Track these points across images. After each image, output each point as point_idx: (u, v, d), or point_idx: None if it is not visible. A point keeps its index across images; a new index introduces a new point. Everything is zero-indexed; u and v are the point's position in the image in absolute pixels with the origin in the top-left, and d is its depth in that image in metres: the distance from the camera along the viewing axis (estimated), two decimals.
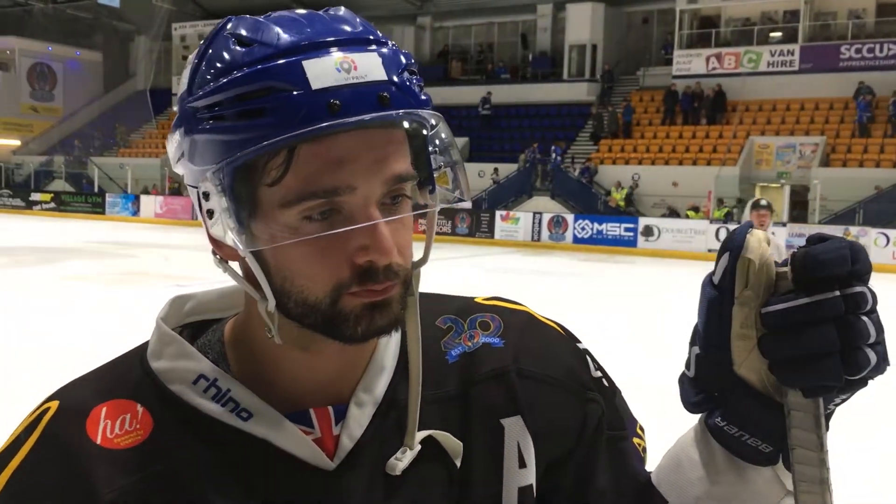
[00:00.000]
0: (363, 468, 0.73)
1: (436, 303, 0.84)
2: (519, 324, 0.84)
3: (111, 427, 0.71)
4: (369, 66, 0.65)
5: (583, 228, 20.86)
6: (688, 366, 0.73)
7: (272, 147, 0.63)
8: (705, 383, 0.72)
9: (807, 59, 24.08)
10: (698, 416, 0.75)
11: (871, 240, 16.07)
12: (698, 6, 26.09)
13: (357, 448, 0.73)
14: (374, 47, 0.67)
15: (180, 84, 0.71)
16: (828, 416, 0.67)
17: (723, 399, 0.71)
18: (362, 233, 0.66)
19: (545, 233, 21.44)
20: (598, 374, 0.85)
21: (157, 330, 0.77)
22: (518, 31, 30.53)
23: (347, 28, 0.67)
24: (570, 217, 21.18)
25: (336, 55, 0.65)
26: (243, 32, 0.67)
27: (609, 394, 0.85)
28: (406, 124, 0.68)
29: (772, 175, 22.55)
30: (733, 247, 0.67)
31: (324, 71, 0.64)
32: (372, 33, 0.68)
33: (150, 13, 34.15)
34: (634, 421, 0.88)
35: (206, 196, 0.67)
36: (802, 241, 0.67)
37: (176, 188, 28.90)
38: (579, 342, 0.87)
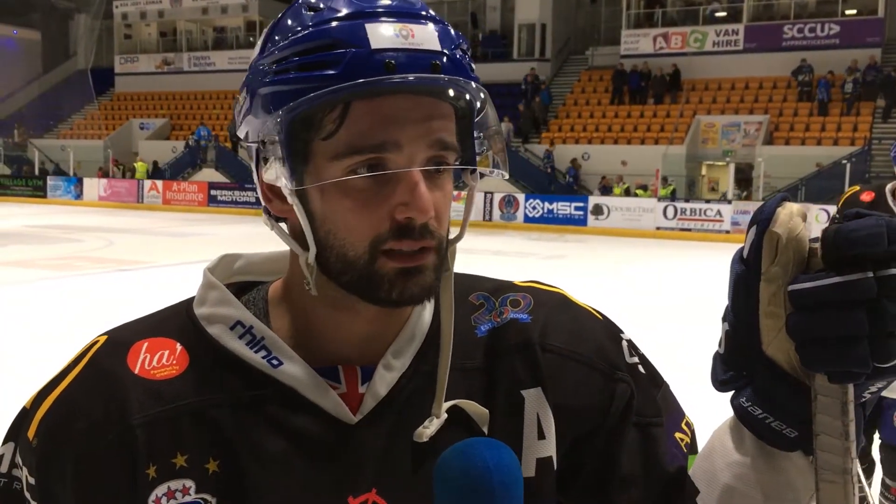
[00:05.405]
0: (384, 428, 0.75)
1: (473, 281, 0.86)
2: (550, 302, 0.85)
3: (149, 360, 0.76)
4: (425, 37, 0.70)
5: (534, 208, 20.95)
6: (720, 343, 0.71)
7: (331, 95, 0.67)
8: (734, 362, 0.69)
9: (751, 39, 24.46)
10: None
11: (813, 216, 16.46)
12: None
13: (379, 408, 0.75)
14: (430, 23, 0.71)
15: (254, 51, 0.76)
16: (862, 405, 0.64)
17: (751, 379, 0.68)
18: (403, 189, 0.69)
19: (496, 212, 21.48)
20: (635, 360, 0.84)
21: (203, 279, 0.81)
22: (468, 10, 30.38)
23: (408, 4, 0.72)
24: (521, 196, 21.25)
25: (396, 23, 0.69)
26: (313, 0, 0.72)
27: (644, 381, 0.83)
28: (452, 93, 0.72)
29: (717, 153, 22.92)
30: (761, 220, 0.64)
31: (383, 34, 0.68)
32: (430, 13, 0.73)
33: None
34: (681, 416, 0.85)
35: (264, 144, 0.71)
36: (747, 217, 0.67)
37: (121, 170, 28.23)
38: (621, 332, 0.86)
